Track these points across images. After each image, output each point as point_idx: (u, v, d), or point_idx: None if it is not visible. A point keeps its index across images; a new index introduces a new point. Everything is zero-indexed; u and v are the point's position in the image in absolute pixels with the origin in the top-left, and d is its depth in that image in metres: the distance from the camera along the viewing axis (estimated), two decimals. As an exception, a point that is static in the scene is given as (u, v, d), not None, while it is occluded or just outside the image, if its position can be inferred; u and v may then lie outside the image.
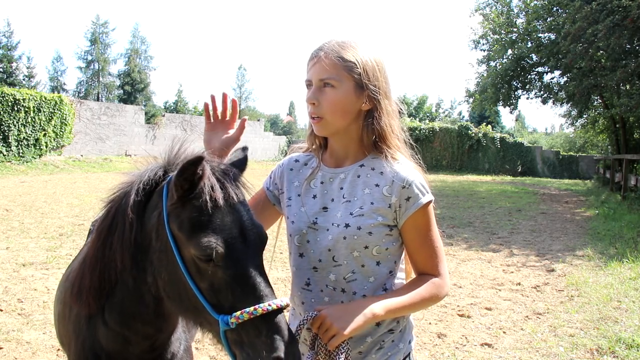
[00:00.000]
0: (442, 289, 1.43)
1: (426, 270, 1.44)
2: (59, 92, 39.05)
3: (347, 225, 1.40)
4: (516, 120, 66.43)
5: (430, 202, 1.42)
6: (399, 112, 1.53)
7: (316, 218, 1.46)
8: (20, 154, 19.66)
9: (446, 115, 65.60)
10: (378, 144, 1.45)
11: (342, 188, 1.46)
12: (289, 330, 1.21)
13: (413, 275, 1.53)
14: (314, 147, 1.54)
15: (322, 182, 1.50)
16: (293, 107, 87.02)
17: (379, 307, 1.33)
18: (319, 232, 1.45)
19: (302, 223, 1.47)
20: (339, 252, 1.41)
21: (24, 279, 5.17)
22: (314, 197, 1.50)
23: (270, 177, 1.63)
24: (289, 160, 1.61)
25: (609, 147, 26.35)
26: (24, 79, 43.33)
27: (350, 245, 1.40)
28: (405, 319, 1.50)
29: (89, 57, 48.08)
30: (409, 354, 1.51)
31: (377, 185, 1.42)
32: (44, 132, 20.61)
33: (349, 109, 1.41)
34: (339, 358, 1.32)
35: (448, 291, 1.47)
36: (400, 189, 1.39)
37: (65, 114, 21.79)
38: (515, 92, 22.12)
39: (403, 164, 1.44)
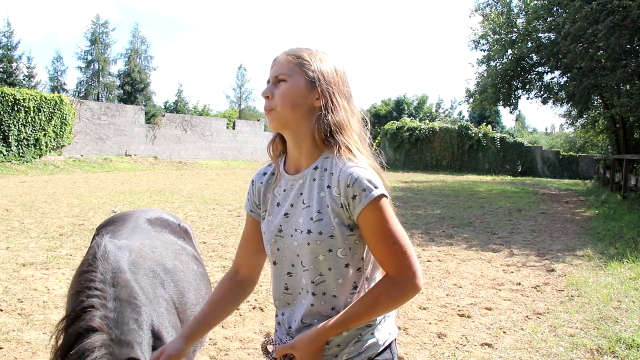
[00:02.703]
0: (401, 285, 1.38)
1: (385, 268, 1.42)
2: (59, 92, 39.09)
3: (309, 231, 1.41)
4: (516, 120, 66.44)
5: (380, 197, 1.37)
6: (365, 120, 1.54)
7: (281, 225, 1.49)
8: (20, 154, 19.67)
9: (446, 115, 65.59)
10: (333, 137, 1.43)
11: (301, 194, 1.48)
12: None
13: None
14: (274, 155, 1.58)
15: (284, 190, 1.53)
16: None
17: (332, 333, 1.40)
18: (285, 238, 1.47)
19: (270, 232, 1.51)
20: (305, 257, 1.43)
21: (24, 279, 5.18)
22: (278, 204, 1.53)
23: (249, 199, 1.64)
24: (258, 176, 1.63)
25: (609, 147, 26.36)
26: (24, 79, 43.35)
27: (315, 250, 1.41)
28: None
29: (89, 57, 48.09)
30: (390, 344, 1.50)
31: (329, 186, 1.42)
32: (44, 132, 20.62)
33: (299, 102, 1.43)
34: None
35: (414, 286, 1.39)
36: (345, 188, 1.37)
37: (65, 114, 21.80)
38: (515, 92, 22.10)
39: (351, 161, 1.41)
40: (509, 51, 20.31)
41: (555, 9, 18.15)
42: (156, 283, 1.90)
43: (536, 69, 21.16)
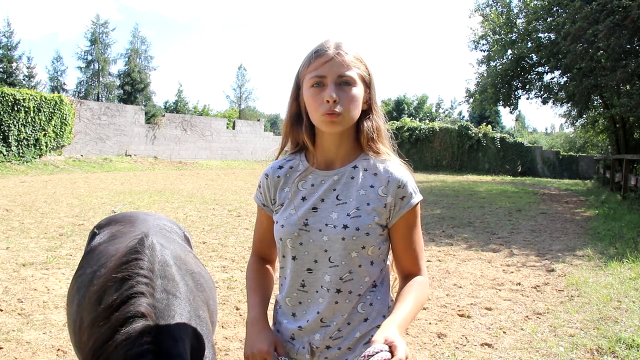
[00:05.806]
0: (428, 286, 1.50)
1: (411, 269, 1.48)
2: (59, 92, 39.06)
3: (345, 227, 1.41)
4: (516, 120, 66.43)
5: (420, 201, 1.47)
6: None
7: (306, 219, 1.45)
8: (20, 154, 19.66)
9: (446, 115, 65.65)
10: (371, 144, 1.47)
11: (335, 189, 1.47)
12: None
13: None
14: (298, 147, 1.53)
15: (312, 185, 1.50)
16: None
17: (403, 330, 1.33)
18: (311, 233, 1.44)
19: (292, 226, 1.46)
20: (335, 252, 1.42)
21: (24, 279, 5.18)
22: (303, 199, 1.49)
23: (261, 193, 1.59)
24: (273, 169, 1.57)
25: (609, 147, 26.35)
26: (24, 79, 43.31)
27: (349, 246, 1.41)
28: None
29: (89, 57, 48.06)
30: None
31: (371, 186, 1.44)
32: (44, 132, 20.61)
33: (360, 107, 1.44)
34: None
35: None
36: (396, 189, 1.42)
37: (65, 114, 21.79)
38: (515, 92, 22.12)
39: (395, 164, 1.47)
40: (509, 51, 20.32)
41: (555, 9, 18.15)
42: (197, 284, 1.85)
43: (536, 69, 21.17)
